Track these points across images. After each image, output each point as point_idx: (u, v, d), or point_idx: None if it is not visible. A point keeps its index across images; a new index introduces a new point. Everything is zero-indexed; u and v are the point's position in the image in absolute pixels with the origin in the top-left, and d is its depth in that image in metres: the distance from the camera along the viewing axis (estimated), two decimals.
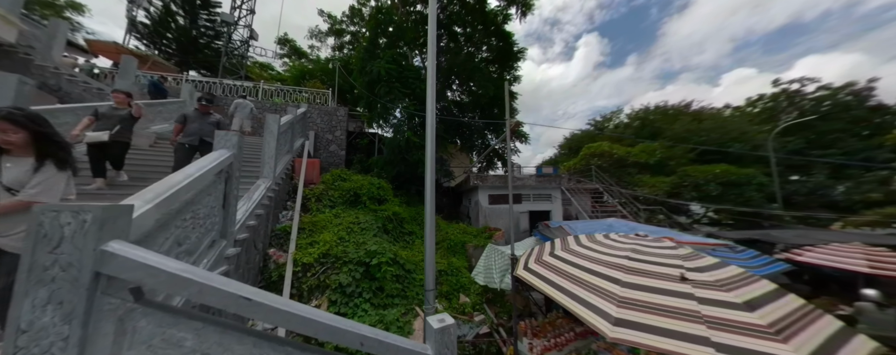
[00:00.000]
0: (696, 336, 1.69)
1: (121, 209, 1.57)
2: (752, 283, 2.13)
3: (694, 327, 1.75)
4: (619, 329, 1.79)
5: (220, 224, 3.01)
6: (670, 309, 1.87)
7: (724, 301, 1.85)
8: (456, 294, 4.86)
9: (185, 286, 1.49)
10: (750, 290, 1.99)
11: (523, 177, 11.70)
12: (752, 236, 9.65)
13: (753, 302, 1.83)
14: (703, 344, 1.65)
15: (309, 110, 13.20)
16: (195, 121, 4.30)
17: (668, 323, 1.79)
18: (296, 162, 7.11)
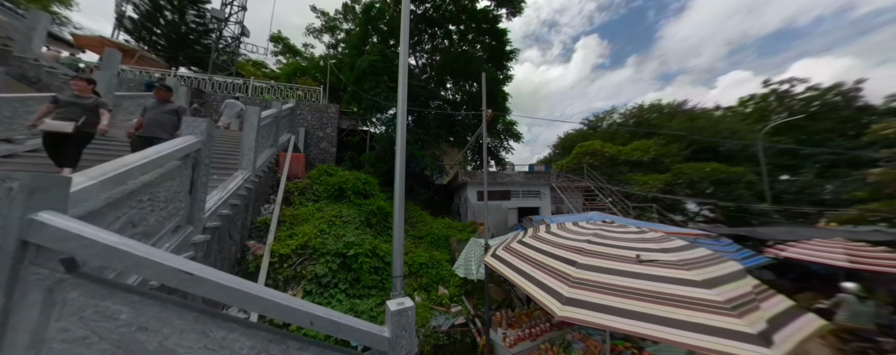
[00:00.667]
0: (647, 314, 1.69)
1: (54, 180, 1.53)
2: (717, 263, 2.13)
3: (646, 305, 1.75)
4: (568, 308, 1.78)
5: (186, 210, 2.97)
6: (623, 288, 1.87)
7: (684, 279, 1.85)
8: (435, 286, 4.85)
9: (121, 258, 1.47)
10: (713, 270, 2.00)
11: (512, 173, 11.70)
12: (739, 232, 9.76)
13: (714, 280, 1.83)
14: (653, 321, 1.65)
15: (299, 107, 13.13)
16: (151, 110, 3.94)
17: (619, 302, 1.79)
18: (280, 156, 7.06)
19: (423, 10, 17.05)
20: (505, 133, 19.39)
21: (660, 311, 1.66)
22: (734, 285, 1.82)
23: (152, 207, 2.46)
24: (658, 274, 1.89)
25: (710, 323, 1.52)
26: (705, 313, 1.57)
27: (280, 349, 1.81)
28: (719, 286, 1.74)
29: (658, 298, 1.74)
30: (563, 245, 2.42)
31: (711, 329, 1.50)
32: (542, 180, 11.17)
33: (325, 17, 19.66)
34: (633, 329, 1.62)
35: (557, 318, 1.77)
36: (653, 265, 1.96)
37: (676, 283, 1.79)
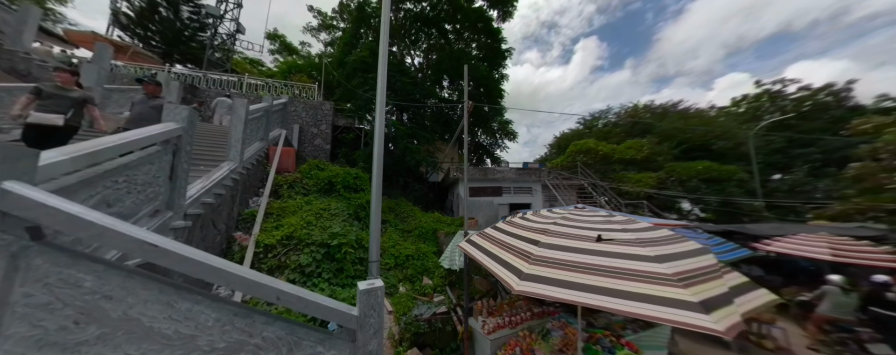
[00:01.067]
0: (601, 287, 1.75)
1: (21, 152, 1.59)
2: (674, 242, 2.20)
3: (601, 279, 1.81)
4: (525, 283, 1.84)
5: (166, 195, 3.01)
6: (582, 264, 1.93)
7: (638, 255, 1.91)
8: (420, 277, 4.90)
9: (85, 228, 1.52)
10: (668, 248, 2.06)
11: (503, 170, 11.77)
12: (728, 228, 9.85)
13: (666, 256, 1.90)
14: (606, 294, 1.71)
15: (294, 104, 13.14)
16: (139, 105, 3.93)
17: (577, 277, 1.85)
18: (270, 150, 7.10)
19: (419, 8, 17.15)
20: (500, 131, 19.51)
21: (613, 285, 1.72)
22: (687, 261, 1.88)
23: (129, 189, 2.51)
24: (616, 251, 1.96)
25: (657, 293, 1.58)
26: (654, 285, 1.63)
27: (246, 323, 1.86)
28: (670, 261, 1.80)
29: (613, 273, 1.80)
30: (531, 228, 2.48)
31: (658, 299, 1.56)
32: (533, 177, 11.24)
33: (323, 17, 19.69)
34: (586, 301, 1.68)
35: (514, 292, 1.83)
36: (612, 243, 2.03)
37: (631, 259, 1.85)
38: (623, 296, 1.63)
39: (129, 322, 1.55)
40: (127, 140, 2.34)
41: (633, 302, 1.57)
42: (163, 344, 1.61)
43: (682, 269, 1.75)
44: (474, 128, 19.33)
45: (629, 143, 17.08)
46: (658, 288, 1.59)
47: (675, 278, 1.63)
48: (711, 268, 1.92)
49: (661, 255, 1.84)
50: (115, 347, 1.51)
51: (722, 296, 1.62)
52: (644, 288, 1.61)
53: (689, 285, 1.62)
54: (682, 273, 1.71)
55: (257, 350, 1.86)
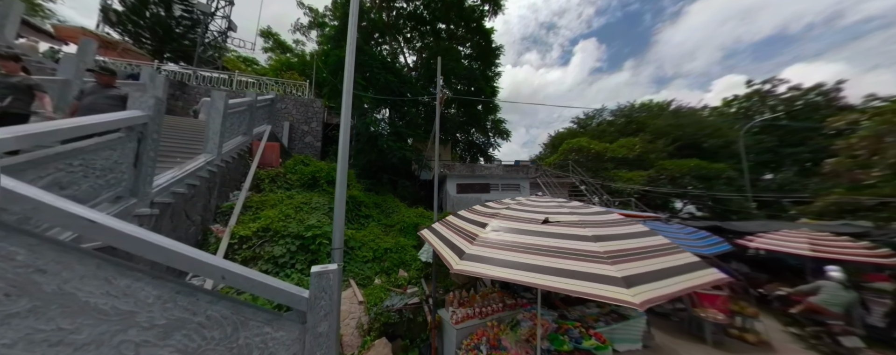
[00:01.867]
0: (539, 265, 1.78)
1: None
2: (620, 225, 2.22)
3: (541, 258, 1.83)
4: (464, 262, 1.86)
5: (130, 182, 3.01)
6: (525, 245, 1.96)
7: (578, 235, 1.94)
8: (396, 269, 4.92)
9: (17, 201, 1.52)
10: (610, 229, 2.09)
11: (491, 166, 11.81)
12: (715, 225, 9.94)
13: (603, 236, 1.92)
14: (542, 271, 1.74)
15: (284, 101, 13.14)
16: (91, 94, 3.61)
17: (518, 256, 1.87)
18: (254, 144, 7.10)
19: (412, 6, 17.19)
20: (493, 130, 19.56)
21: (551, 263, 1.75)
22: (625, 241, 1.91)
23: (86, 173, 2.51)
24: (558, 232, 1.98)
25: (587, 270, 1.61)
26: (586, 262, 1.66)
27: (189, 301, 1.87)
28: (606, 241, 1.84)
29: (552, 252, 1.83)
30: (485, 213, 2.51)
31: (587, 275, 1.59)
32: (521, 173, 11.29)
33: (314, 14, 19.68)
34: (520, 278, 1.70)
35: (453, 271, 1.85)
36: (557, 225, 2.05)
37: (571, 239, 1.88)
38: (558, 273, 1.66)
39: (63, 296, 1.55)
40: (81, 124, 2.35)
41: (565, 278, 1.59)
42: (98, 319, 1.61)
43: (615, 248, 1.78)
44: (468, 128, 19.39)
45: (622, 142, 17.17)
46: (589, 265, 1.62)
47: (606, 256, 1.66)
48: (652, 248, 1.95)
49: (598, 235, 1.87)
50: (48, 320, 1.51)
51: (651, 273, 1.64)
52: (577, 266, 1.64)
53: (616, 262, 1.65)
54: (614, 251, 1.74)
55: (201, 328, 1.87)
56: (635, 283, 1.48)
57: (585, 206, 2.52)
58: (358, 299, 3.98)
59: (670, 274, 1.71)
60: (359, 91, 10.52)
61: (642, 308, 1.36)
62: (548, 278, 1.63)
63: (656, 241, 2.08)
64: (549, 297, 5.14)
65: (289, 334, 2.17)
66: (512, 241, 1.95)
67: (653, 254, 1.86)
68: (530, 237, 1.97)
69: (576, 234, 1.89)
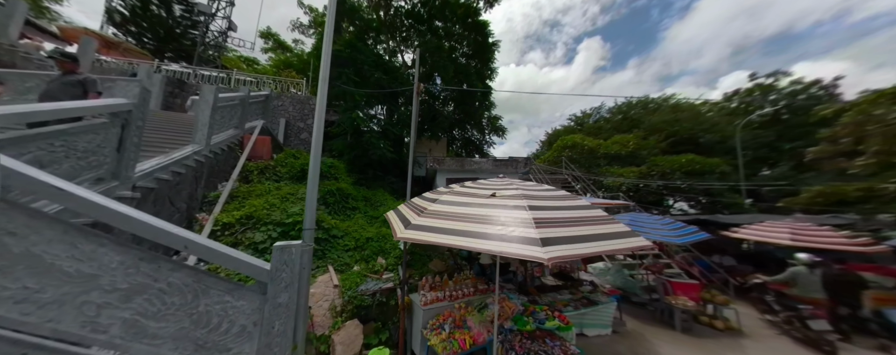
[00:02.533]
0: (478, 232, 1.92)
1: None
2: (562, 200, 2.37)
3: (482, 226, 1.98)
4: (408, 231, 2.02)
5: (112, 165, 3.21)
6: (469, 216, 2.11)
7: (517, 206, 2.08)
8: (375, 257, 5.09)
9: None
10: (549, 201, 2.24)
11: (480, 161, 11.94)
12: (701, 218, 10.02)
13: (540, 207, 2.07)
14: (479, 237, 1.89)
15: (281, 98, 13.37)
16: (50, 82, 3.56)
17: (461, 225, 2.03)
18: (245, 138, 7.31)
19: (411, 5, 17.33)
20: (488, 127, 19.68)
21: (485, 229, 1.90)
22: (560, 212, 2.06)
23: (67, 154, 2.70)
24: (501, 204, 2.13)
25: (514, 233, 1.75)
26: (516, 227, 1.81)
27: (151, 268, 2.04)
28: (539, 211, 1.98)
29: (489, 220, 1.97)
30: (443, 191, 2.66)
31: (512, 237, 1.73)
32: (510, 168, 11.41)
33: (314, 13, 19.90)
34: (458, 243, 1.85)
35: (396, 239, 2.01)
36: (502, 198, 2.20)
37: (509, 209, 2.03)
38: (487, 238, 1.80)
39: (30, 257, 1.73)
40: (61, 108, 2.54)
41: (493, 241, 1.74)
42: (63, 280, 1.79)
43: (545, 217, 1.93)
44: (464, 125, 19.52)
45: (616, 139, 17.18)
46: (518, 229, 1.77)
47: (534, 222, 1.81)
48: (583, 218, 2.09)
49: (533, 205, 2.02)
50: (15, 279, 1.69)
51: (572, 237, 1.79)
52: (506, 231, 1.79)
53: (542, 227, 1.79)
54: (543, 218, 1.89)
55: (162, 294, 2.03)
56: (552, 244, 1.62)
57: (537, 185, 2.67)
58: (333, 283, 4.16)
59: (591, 239, 1.85)
60: (350, 86, 10.70)
61: (549, 263, 1.51)
62: (476, 241, 1.78)
63: (591, 214, 2.22)
64: (524, 285, 5.28)
65: (249, 304, 2.33)
66: (455, 212, 2.11)
67: (582, 223, 2.00)
68: (474, 208, 2.12)
69: (515, 205, 2.03)
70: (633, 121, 20.17)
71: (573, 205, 2.20)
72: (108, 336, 1.83)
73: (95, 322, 1.79)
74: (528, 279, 5.39)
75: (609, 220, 2.20)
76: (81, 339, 1.78)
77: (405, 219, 2.21)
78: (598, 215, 2.15)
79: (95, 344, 1.82)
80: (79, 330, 1.75)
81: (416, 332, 3.66)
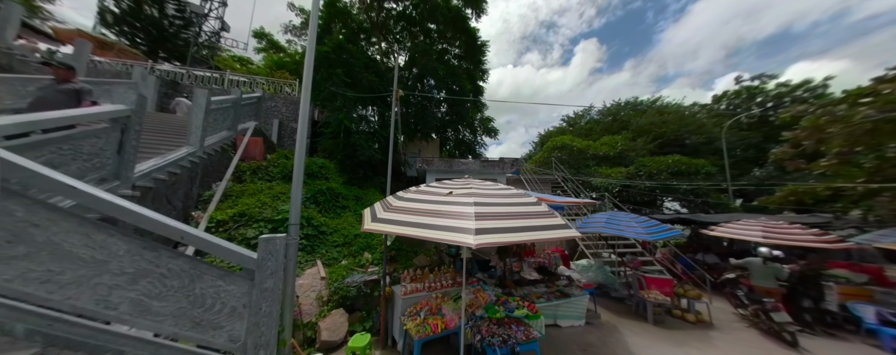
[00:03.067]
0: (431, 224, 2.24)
1: None
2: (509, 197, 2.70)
3: (436, 219, 2.29)
4: (374, 224, 2.34)
5: (114, 166, 3.48)
6: (427, 211, 2.43)
7: (464, 201, 2.41)
8: (362, 252, 5.39)
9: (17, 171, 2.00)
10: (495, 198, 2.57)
11: (468, 161, 12.29)
12: (682, 217, 10.45)
13: (484, 203, 2.39)
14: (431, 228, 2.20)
15: (274, 99, 13.59)
16: (43, 89, 3.58)
17: (418, 218, 2.34)
18: (238, 139, 7.57)
19: (403, 7, 17.64)
20: (480, 128, 20.06)
21: (438, 221, 2.21)
22: (502, 207, 2.39)
23: (74, 157, 2.97)
24: (455, 201, 2.45)
25: (455, 224, 2.07)
26: (459, 219, 2.12)
27: (153, 256, 2.34)
28: (482, 206, 2.31)
29: (443, 215, 2.29)
30: (411, 190, 2.98)
31: (453, 228, 2.05)
32: (497, 169, 11.77)
33: (305, 15, 20.08)
34: (410, 232, 2.17)
35: (363, 230, 2.32)
36: (456, 196, 2.52)
37: (460, 205, 2.35)
38: (439, 229, 2.12)
39: (51, 245, 2.03)
40: (66, 116, 2.81)
41: (437, 231, 2.06)
42: (79, 264, 2.09)
43: (486, 211, 2.26)
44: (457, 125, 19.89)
45: (605, 140, 17.60)
46: (459, 221, 2.09)
47: (474, 215, 2.13)
48: (524, 213, 2.42)
49: (478, 202, 2.35)
50: (40, 263, 1.99)
51: (505, 228, 2.12)
52: (451, 222, 2.10)
53: (481, 219, 2.12)
54: (483, 212, 2.22)
55: (163, 278, 2.33)
56: (484, 233, 1.95)
57: (493, 185, 2.99)
58: (321, 275, 4.45)
59: (522, 230, 2.18)
60: (341, 87, 10.96)
61: (475, 246, 1.83)
62: (425, 231, 2.10)
63: (530, 209, 2.55)
64: (503, 279, 5.61)
65: (239, 288, 2.63)
66: (414, 208, 2.42)
67: (517, 217, 2.33)
68: (431, 205, 2.44)
69: (464, 202, 2.35)
70: (623, 123, 20.62)
71: (516, 202, 2.53)
72: (118, 312, 2.12)
73: (107, 300, 2.09)
74: (507, 273, 5.71)
75: (546, 215, 2.53)
76: (96, 314, 2.07)
77: (374, 214, 2.52)
78: (536, 210, 2.48)
79: (108, 319, 2.11)
80: (93, 307, 2.04)
81: (396, 320, 3.97)
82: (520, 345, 3.17)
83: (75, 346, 2.06)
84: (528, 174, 14.40)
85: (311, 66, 4.14)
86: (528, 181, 13.43)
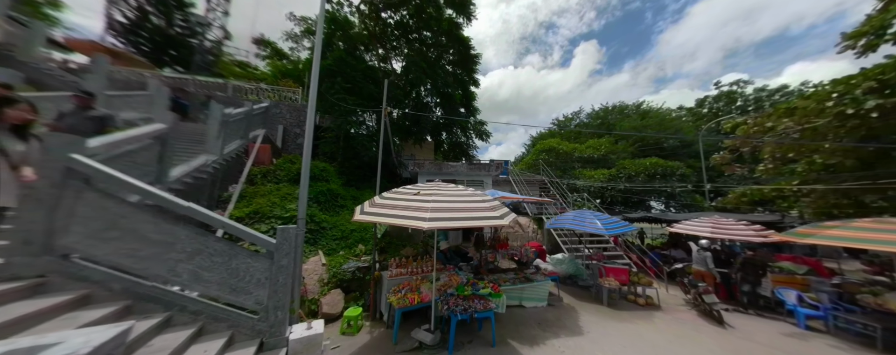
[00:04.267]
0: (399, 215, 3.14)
1: (74, 140, 2.94)
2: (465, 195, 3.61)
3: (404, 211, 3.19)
4: (361, 215, 3.24)
5: (156, 173, 4.35)
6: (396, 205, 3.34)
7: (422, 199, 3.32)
8: (357, 244, 6.28)
9: (109, 179, 2.88)
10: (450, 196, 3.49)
11: (457, 164, 13.20)
12: (648, 216, 11.44)
13: (440, 200, 3.30)
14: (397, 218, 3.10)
15: (278, 106, 14.46)
16: (70, 116, 3.81)
17: (388, 211, 3.26)
18: (250, 146, 8.44)
19: (399, 16, 18.58)
20: (473, 131, 21.06)
21: (405, 213, 3.12)
22: (457, 202, 3.29)
23: (132, 166, 3.84)
24: (420, 198, 3.36)
25: (415, 215, 2.98)
26: (418, 211, 3.03)
27: (202, 239, 3.22)
28: (437, 201, 3.22)
29: (409, 208, 3.20)
30: (392, 191, 3.88)
31: (413, 217, 2.95)
32: (484, 171, 12.67)
33: (306, 24, 20.96)
34: (383, 220, 3.06)
35: (353, 220, 3.21)
36: (422, 195, 3.43)
37: (419, 200, 3.26)
38: (403, 218, 3.02)
39: (134, 231, 2.91)
40: (129, 136, 3.68)
41: (400, 219, 2.97)
42: (153, 244, 2.97)
43: (440, 205, 3.17)
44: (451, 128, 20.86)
45: (590, 143, 18.57)
46: (418, 212, 2.99)
47: (431, 208, 3.03)
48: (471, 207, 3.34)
49: (435, 199, 3.26)
50: (127, 243, 2.87)
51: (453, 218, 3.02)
52: (411, 213, 3.00)
53: (435, 211, 3.03)
54: (438, 206, 3.12)
55: (210, 255, 3.21)
56: (436, 220, 2.84)
57: (454, 187, 3.90)
58: (321, 262, 5.34)
59: (465, 219, 3.09)
60: (342, 95, 11.86)
61: (426, 229, 2.72)
62: (393, 219, 3.00)
63: (478, 205, 3.46)
64: (479, 267, 6.52)
65: (263, 265, 3.51)
66: (390, 204, 3.33)
67: (465, 210, 3.24)
68: (403, 201, 3.35)
69: (426, 198, 3.27)
70: (609, 127, 21.61)
71: (466, 200, 3.43)
72: (181, 280, 3.00)
73: (174, 270, 2.97)
74: (483, 263, 6.62)
75: (489, 208, 3.44)
76: (166, 280, 2.95)
77: (362, 208, 3.41)
78: (481, 205, 3.39)
79: (175, 284, 3.00)
80: (165, 274, 2.92)
81: (384, 298, 4.87)
82: (477, 313, 4.08)
83: (152, 300, 2.93)
84: (517, 175, 15.35)
85: (316, 80, 5.02)
86: (516, 182, 14.39)
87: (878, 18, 6.30)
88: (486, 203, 3.45)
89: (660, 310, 6.75)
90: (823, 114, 6.37)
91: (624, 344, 4.75)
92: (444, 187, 3.71)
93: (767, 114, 8.26)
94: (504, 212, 3.37)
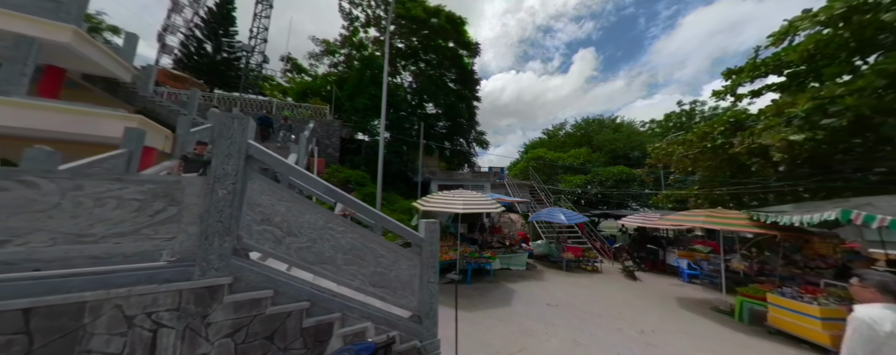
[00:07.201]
0: (440, 205, 6.34)
1: None
2: (473, 196, 6.86)
3: (441, 205, 6.40)
4: (420, 203, 6.44)
5: None
6: (439, 202, 6.54)
7: (455, 198, 6.54)
8: None
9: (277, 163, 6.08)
10: (466, 197, 6.72)
11: (463, 172, 16.48)
12: (607, 212, 14.84)
13: (462, 198, 6.53)
14: (441, 207, 6.31)
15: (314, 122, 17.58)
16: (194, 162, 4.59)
17: (436, 204, 6.45)
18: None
19: (405, 45, 21.91)
20: (474, 140, 24.47)
21: (447, 205, 6.32)
22: (467, 199, 6.52)
23: None
24: (450, 197, 6.58)
25: (453, 206, 6.18)
26: (453, 204, 6.24)
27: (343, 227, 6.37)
28: (462, 199, 6.43)
29: (448, 203, 6.41)
30: (435, 194, 7.09)
31: (453, 207, 6.17)
32: (484, 178, 15.96)
33: (326, 45, 24.08)
34: (436, 209, 6.27)
35: (415, 205, 6.42)
36: (454, 196, 6.64)
37: (454, 199, 6.48)
38: (448, 207, 6.21)
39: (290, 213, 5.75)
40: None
41: (448, 208, 6.16)
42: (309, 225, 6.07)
43: (464, 202, 6.38)
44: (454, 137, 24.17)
45: (572, 152, 21.93)
46: (454, 204, 6.19)
47: (459, 202, 6.23)
48: (474, 202, 6.56)
49: (462, 198, 6.48)
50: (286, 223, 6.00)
51: (466, 205, 6.22)
52: (452, 205, 6.19)
53: (462, 204, 6.23)
54: (463, 202, 6.33)
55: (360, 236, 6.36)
56: (462, 208, 6.03)
57: (469, 192, 7.11)
58: None
59: (476, 207, 6.26)
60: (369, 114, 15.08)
61: (462, 211, 5.92)
62: (440, 207, 6.19)
63: (479, 201, 6.66)
64: (482, 245, 9.76)
65: (415, 254, 3.80)
66: (437, 201, 6.51)
67: (477, 205, 6.42)
68: (444, 200, 6.53)
69: (455, 198, 6.45)
70: (589, 137, 25.04)
71: (476, 198, 6.57)
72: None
73: None
74: (483, 242, 9.86)
75: (490, 203, 6.63)
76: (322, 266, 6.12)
77: (420, 203, 6.59)
78: (485, 202, 6.55)
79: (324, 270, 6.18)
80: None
81: None
82: (483, 264, 7.34)
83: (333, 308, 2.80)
84: (510, 180, 18.66)
85: (385, 109, 8.17)
86: (509, 186, 17.69)
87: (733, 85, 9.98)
88: (487, 199, 6.64)
89: (599, 273, 10.07)
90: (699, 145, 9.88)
91: (567, 285, 8.05)
92: (462, 192, 6.93)
93: (668, 143, 11.71)
94: (497, 206, 6.59)
